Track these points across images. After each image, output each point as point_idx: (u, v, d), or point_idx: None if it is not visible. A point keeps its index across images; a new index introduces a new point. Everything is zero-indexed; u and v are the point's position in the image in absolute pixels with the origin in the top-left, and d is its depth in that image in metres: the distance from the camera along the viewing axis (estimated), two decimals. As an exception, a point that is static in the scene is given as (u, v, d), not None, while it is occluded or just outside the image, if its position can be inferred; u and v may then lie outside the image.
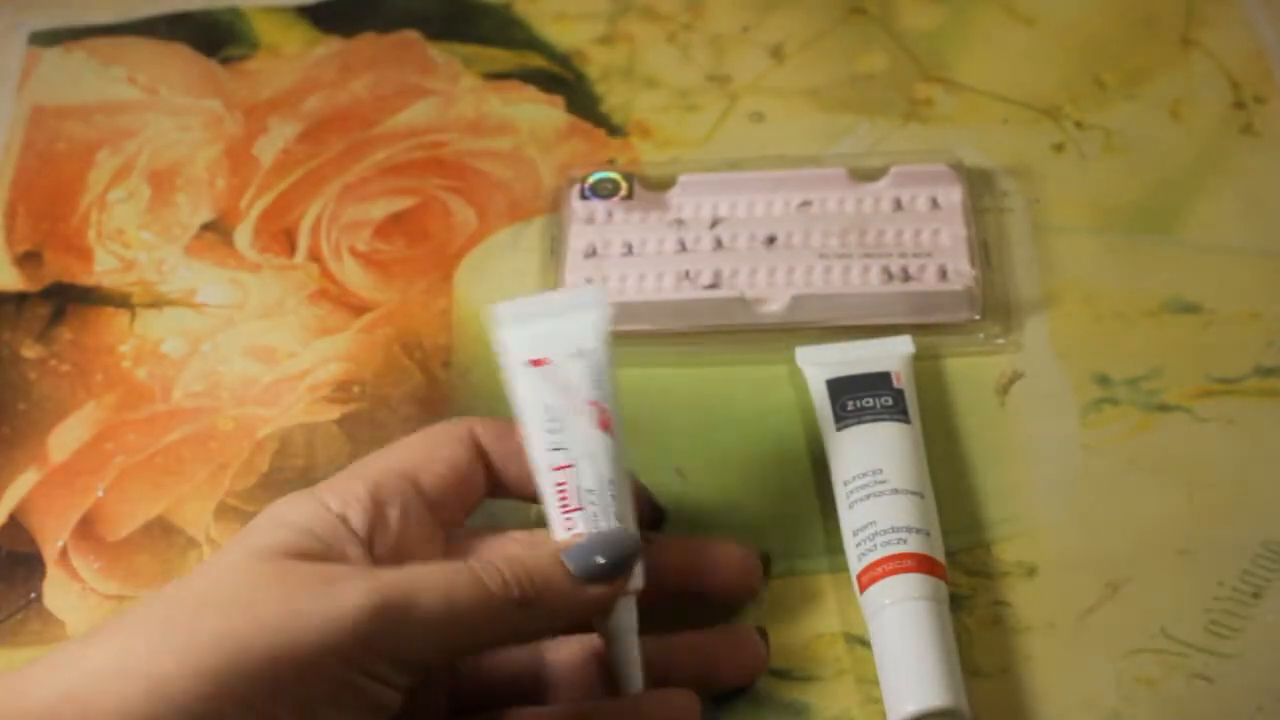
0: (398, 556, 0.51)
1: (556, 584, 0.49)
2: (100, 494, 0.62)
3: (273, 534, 0.49)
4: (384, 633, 0.46)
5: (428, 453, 0.53)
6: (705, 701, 0.53)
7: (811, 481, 0.60)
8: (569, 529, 0.52)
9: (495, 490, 0.55)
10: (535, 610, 0.49)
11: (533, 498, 0.53)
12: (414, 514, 0.52)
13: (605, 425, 0.52)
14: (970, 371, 0.63)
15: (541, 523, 0.53)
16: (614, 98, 0.74)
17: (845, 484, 0.58)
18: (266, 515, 0.51)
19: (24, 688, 0.45)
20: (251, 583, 0.47)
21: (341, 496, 0.51)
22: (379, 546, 0.51)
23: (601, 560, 0.50)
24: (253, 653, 0.45)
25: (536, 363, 0.53)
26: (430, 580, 0.48)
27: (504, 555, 0.50)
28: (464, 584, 0.48)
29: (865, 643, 0.55)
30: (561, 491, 0.52)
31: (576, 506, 0.51)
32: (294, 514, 0.50)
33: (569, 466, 0.52)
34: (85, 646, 0.46)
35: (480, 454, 0.54)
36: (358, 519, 0.51)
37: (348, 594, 0.46)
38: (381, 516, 0.51)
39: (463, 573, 0.48)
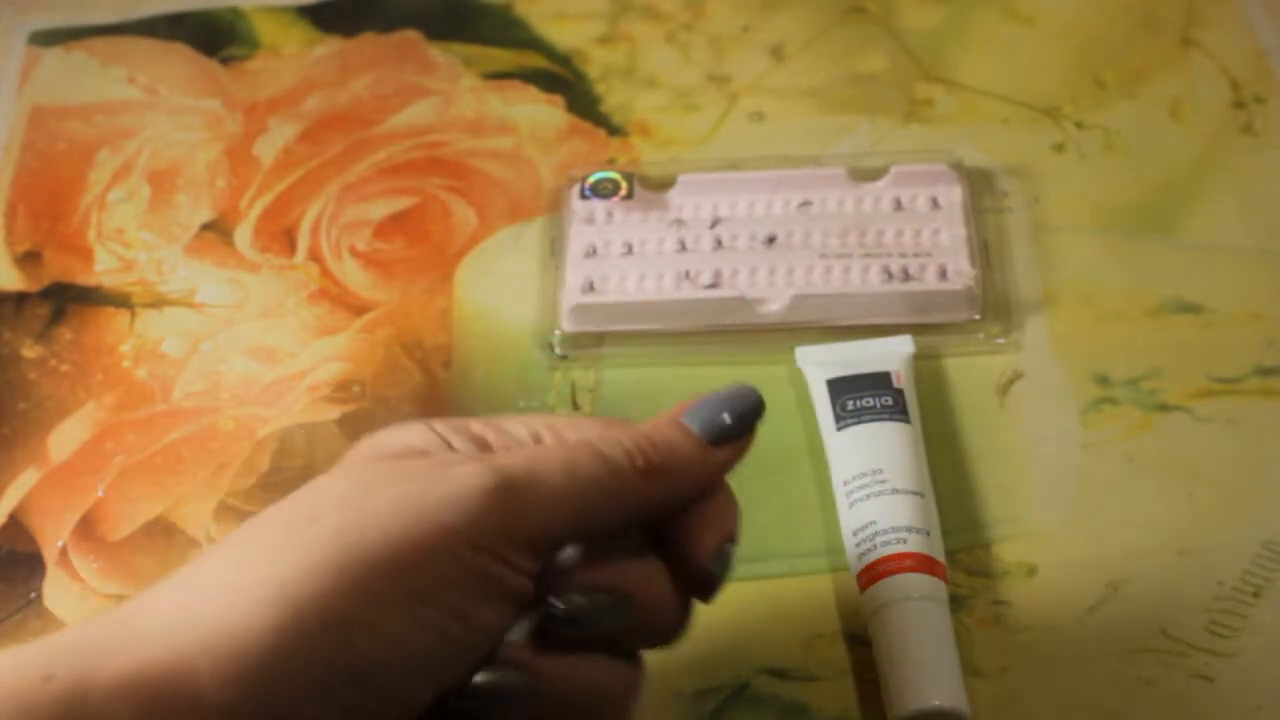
0: None
1: (682, 449, 0.47)
2: (100, 494, 0.62)
3: (374, 446, 0.47)
4: (506, 510, 0.44)
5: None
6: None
7: (811, 481, 0.60)
8: None
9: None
10: (662, 479, 0.47)
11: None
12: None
13: None
14: (970, 371, 0.63)
15: None
16: (614, 98, 0.74)
17: (845, 484, 0.58)
18: (367, 438, 0.48)
19: (137, 613, 0.43)
20: (364, 481, 0.45)
21: (450, 425, 0.48)
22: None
23: (727, 418, 0.48)
24: (372, 542, 0.43)
25: None
26: (550, 456, 0.46)
27: (626, 429, 0.47)
28: (585, 457, 0.46)
29: (865, 643, 0.55)
30: None
31: None
32: (398, 433, 0.48)
33: None
34: (198, 568, 0.44)
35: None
36: (462, 445, 0.48)
37: (465, 475, 0.44)
38: (486, 446, 0.48)
39: (583, 448, 0.46)
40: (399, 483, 0.45)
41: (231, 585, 0.43)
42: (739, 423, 0.48)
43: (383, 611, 0.42)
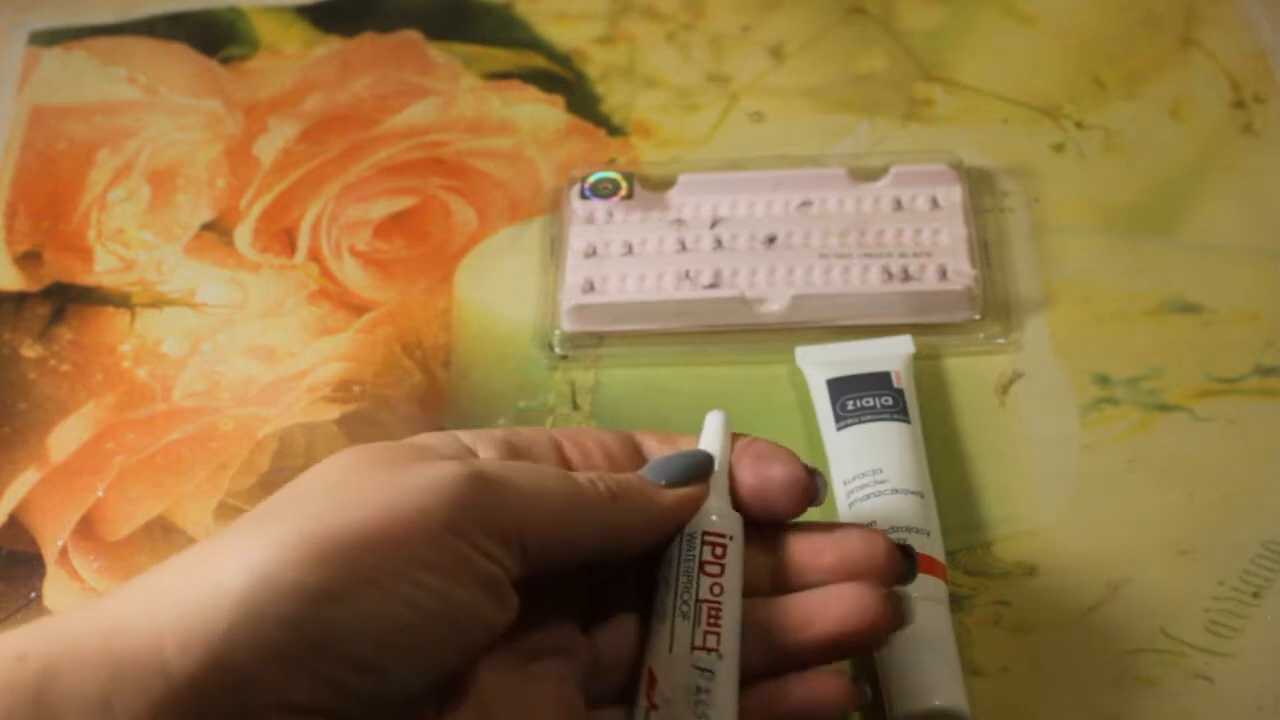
0: None
1: (637, 483, 0.50)
2: (100, 494, 0.62)
3: (385, 442, 0.50)
4: (479, 501, 0.46)
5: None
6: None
7: (811, 481, 0.60)
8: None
9: None
10: (623, 502, 0.49)
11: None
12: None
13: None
14: (970, 371, 0.63)
15: None
16: (614, 98, 0.74)
17: (845, 484, 0.58)
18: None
19: (110, 597, 0.44)
20: (347, 468, 0.47)
21: (476, 434, 0.51)
22: None
23: (663, 481, 0.51)
24: (348, 520, 0.44)
25: None
26: (521, 466, 0.49)
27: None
28: (551, 472, 0.49)
29: (865, 643, 0.55)
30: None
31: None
32: (421, 436, 0.50)
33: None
34: (178, 558, 0.45)
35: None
36: (486, 450, 0.50)
37: (443, 467, 0.46)
38: (514, 456, 0.51)
39: (552, 468, 0.50)
40: (380, 469, 0.47)
41: (203, 564, 0.44)
42: (682, 478, 0.51)
43: (355, 585, 0.44)
